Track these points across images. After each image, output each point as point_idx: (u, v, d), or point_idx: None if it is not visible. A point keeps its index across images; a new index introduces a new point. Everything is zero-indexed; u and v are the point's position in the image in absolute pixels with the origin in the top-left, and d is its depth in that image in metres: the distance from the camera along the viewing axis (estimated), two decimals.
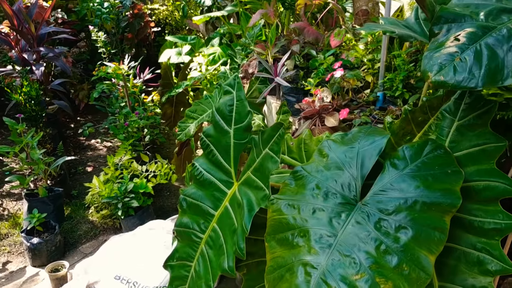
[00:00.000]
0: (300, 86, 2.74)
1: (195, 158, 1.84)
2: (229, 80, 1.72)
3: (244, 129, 1.67)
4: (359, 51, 2.55)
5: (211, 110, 1.72)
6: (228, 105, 1.70)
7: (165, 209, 3.82)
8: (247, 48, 3.83)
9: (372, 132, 1.46)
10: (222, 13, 4.49)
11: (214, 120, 1.74)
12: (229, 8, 4.62)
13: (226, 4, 5.63)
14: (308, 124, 2.17)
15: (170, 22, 7.27)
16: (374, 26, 1.88)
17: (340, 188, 1.36)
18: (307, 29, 3.03)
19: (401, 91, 2.31)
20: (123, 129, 3.84)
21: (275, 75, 2.82)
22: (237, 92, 1.69)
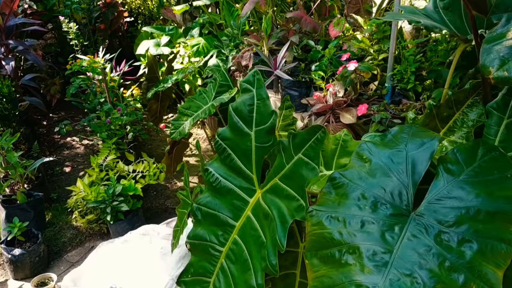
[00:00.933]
0: (302, 79, 2.60)
1: (209, 163, 1.67)
2: (248, 76, 1.55)
3: (267, 131, 1.51)
4: (365, 42, 2.41)
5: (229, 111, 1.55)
6: (248, 104, 1.54)
7: (153, 210, 3.62)
8: (235, 39, 3.65)
9: (418, 133, 1.33)
10: (204, 2, 4.28)
11: (231, 121, 1.57)
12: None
13: None
14: (321, 121, 2.03)
15: (143, 11, 6.96)
16: (398, 15, 1.75)
17: (390, 197, 1.23)
18: (304, 18, 2.87)
19: (414, 83, 2.20)
20: (105, 127, 3.60)
21: (275, 67, 2.66)
22: (258, 90, 1.53)
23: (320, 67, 2.55)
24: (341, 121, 1.98)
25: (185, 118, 2.73)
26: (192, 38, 4.76)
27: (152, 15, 6.98)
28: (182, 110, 2.75)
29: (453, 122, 1.81)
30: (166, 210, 3.61)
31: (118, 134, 3.64)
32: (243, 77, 3.10)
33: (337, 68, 2.52)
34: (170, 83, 3.14)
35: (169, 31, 5.25)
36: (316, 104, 2.15)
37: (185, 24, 5.83)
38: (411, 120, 1.83)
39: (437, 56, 2.24)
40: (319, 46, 2.89)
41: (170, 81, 3.14)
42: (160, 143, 4.82)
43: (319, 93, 2.16)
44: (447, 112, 1.81)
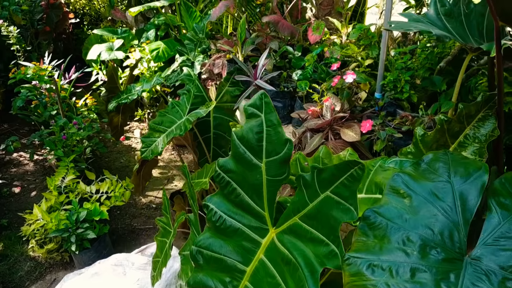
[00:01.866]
0: (284, 89, 2.42)
1: (208, 198, 1.45)
2: (254, 100, 1.35)
3: (281, 162, 1.32)
4: (353, 48, 2.27)
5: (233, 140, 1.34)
6: (256, 132, 1.34)
7: (119, 232, 3.32)
8: (201, 43, 3.41)
9: (459, 162, 1.19)
10: (163, 3, 3.99)
11: (236, 151, 1.36)
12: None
13: None
14: (319, 139, 1.86)
15: (89, 12, 6.52)
16: (406, 25, 1.61)
17: (440, 239, 1.07)
18: (282, 23, 2.69)
19: (409, 93, 2.08)
20: (61, 143, 3.26)
21: (255, 77, 2.46)
22: (267, 116, 1.33)
23: (304, 76, 2.38)
24: (342, 138, 1.82)
25: (157, 135, 2.47)
26: (149, 41, 4.46)
27: (99, 15, 6.55)
28: (154, 126, 2.50)
29: (463, 137, 1.70)
30: (134, 231, 3.32)
31: (76, 151, 3.31)
32: (215, 86, 2.88)
33: (323, 76, 2.37)
34: (136, 95, 2.86)
35: (122, 33, 4.91)
36: (310, 119, 1.98)
37: (137, 25, 5.50)
38: (420, 136, 1.70)
39: (431, 63, 2.13)
40: (297, 52, 2.73)
41: (137, 93, 2.86)
42: (118, 155, 4.49)
43: (313, 107, 1.99)
44: (458, 127, 1.69)
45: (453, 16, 1.83)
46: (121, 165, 4.31)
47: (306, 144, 1.91)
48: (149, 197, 3.77)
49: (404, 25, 1.61)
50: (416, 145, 1.72)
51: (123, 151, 4.57)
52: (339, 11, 3.35)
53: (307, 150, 1.87)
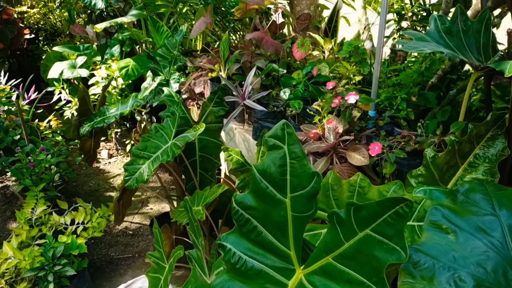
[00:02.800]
0: (274, 108, 2.33)
1: (223, 237, 1.33)
2: (275, 130, 1.25)
3: (308, 197, 1.22)
4: (346, 66, 2.22)
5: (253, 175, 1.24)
6: (279, 165, 1.24)
7: (96, 264, 3.11)
8: (176, 61, 3.28)
9: (500, 193, 1.13)
10: (131, 19, 3.82)
11: (257, 187, 1.26)
12: (135, 12, 3.96)
13: (119, 6, 4.93)
14: (324, 163, 1.78)
15: (44, 27, 6.21)
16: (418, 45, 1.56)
17: (493, 277, 1.01)
18: (266, 39, 2.61)
19: (406, 110, 2.05)
20: (28, 171, 3.02)
21: (243, 97, 2.36)
22: (290, 147, 1.23)
23: (295, 95, 2.31)
24: (348, 162, 1.76)
25: (141, 162, 2.32)
26: (115, 58, 4.27)
27: (56, 30, 6.25)
28: (137, 152, 2.34)
29: (473, 157, 1.67)
30: (112, 262, 3.12)
31: (45, 179, 3.08)
32: (197, 106, 2.76)
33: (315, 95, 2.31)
34: (113, 118, 2.68)
35: (84, 50, 4.69)
36: (311, 141, 1.90)
37: (99, 41, 5.28)
38: (431, 158, 1.65)
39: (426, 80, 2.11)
40: (281, 69, 2.65)
41: (114, 116, 2.68)
42: (86, 179, 4.25)
43: (312, 129, 1.92)
44: (468, 147, 1.66)
45: (453, 33, 1.81)
46: (90, 190, 4.07)
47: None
48: (124, 222, 3.57)
49: (417, 45, 1.56)
50: (427, 167, 1.68)
51: (91, 174, 4.33)
52: (316, 26, 3.31)
53: None
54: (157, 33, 4.28)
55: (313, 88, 2.31)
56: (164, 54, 3.49)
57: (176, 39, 3.58)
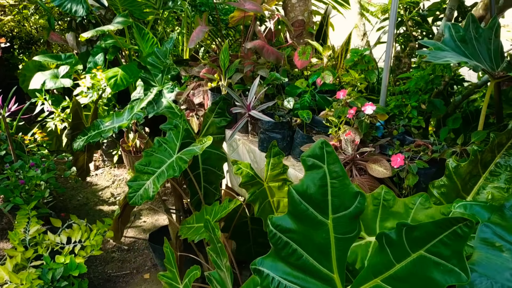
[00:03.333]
0: (281, 119, 2.29)
1: (258, 261, 1.28)
2: (313, 149, 1.20)
3: (351, 217, 1.18)
4: (353, 75, 2.20)
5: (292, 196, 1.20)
6: (320, 186, 1.19)
7: (94, 283, 3.00)
8: (169, 70, 3.20)
9: None
10: (117, 27, 3.72)
11: (297, 209, 1.21)
12: (121, 19, 3.86)
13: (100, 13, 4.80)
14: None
15: (19, 35, 5.99)
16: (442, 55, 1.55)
17: None
18: (266, 48, 2.57)
19: (417, 118, 2.04)
20: (18, 189, 2.88)
21: (248, 108, 2.31)
22: (330, 166, 1.19)
23: (302, 105, 2.27)
24: (368, 174, 1.73)
25: (145, 177, 2.23)
26: (99, 67, 4.14)
27: (31, 38, 6.04)
28: (141, 168, 2.26)
29: (494, 166, 1.67)
30: (110, 280, 3.01)
31: (36, 196, 2.94)
32: (196, 117, 2.69)
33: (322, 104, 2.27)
34: (111, 132, 2.58)
35: (66, 59, 4.53)
36: None
37: (79, 49, 5.14)
38: (454, 168, 1.64)
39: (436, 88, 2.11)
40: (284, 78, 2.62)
41: (112, 129, 2.58)
42: (73, 193, 4.11)
43: (332, 141, 1.88)
44: (490, 156, 1.66)
45: (467, 41, 1.81)
46: (79, 204, 3.94)
47: None
48: None
49: (440, 55, 1.55)
50: (450, 177, 1.67)
51: (78, 187, 4.19)
52: (310, 32, 3.29)
53: None
54: (143, 40, 4.18)
55: (320, 97, 2.27)
56: (155, 63, 3.40)
57: (167, 47, 3.49)
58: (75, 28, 5.00)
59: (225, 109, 2.56)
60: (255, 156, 2.41)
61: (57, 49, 6.22)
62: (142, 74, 3.36)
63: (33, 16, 6.09)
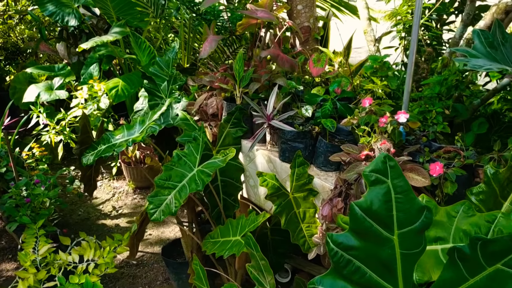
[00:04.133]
0: (301, 128, 2.26)
1: (316, 280, 1.24)
2: (375, 163, 1.18)
3: (417, 232, 1.16)
4: (376, 81, 2.18)
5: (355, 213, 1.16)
6: (384, 201, 1.16)
7: None
8: (176, 79, 3.14)
9: None
10: (114, 37, 3.64)
11: (360, 226, 1.18)
12: (118, 29, 3.79)
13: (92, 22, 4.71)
14: None
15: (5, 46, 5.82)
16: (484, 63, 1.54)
17: None
18: (281, 56, 2.54)
19: (443, 125, 2.04)
20: (24, 208, 2.78)
21: (268, 118, 2.28)
22: (394, 181, 1.16)
23: (323, 113, 2.25)
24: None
25: (166, 192, 2.17)
26: (96, 77, 4.05)
27: (18, 49, 5.88)
28: (161, 183, 2.19)
29: None
30: None
31: (43, 214, 2.84)
32: (209, 128, 2.65)
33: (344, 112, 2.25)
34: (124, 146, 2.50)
35: (60, 70, 4.43)
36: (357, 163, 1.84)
37: (70, 59, 5.03)
38: (492, 175, 1.64)
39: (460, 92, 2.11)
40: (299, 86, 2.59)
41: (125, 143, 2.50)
42: (73, 207, 4.00)
43: (365, 150, 1.86)
44: None
45: (495, 47, 1.81)
46: (80, 218, 3.83)
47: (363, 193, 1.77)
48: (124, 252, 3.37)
49: (480, 63, 1.54)
50: (488, 183, 1.66)
51: (77, 201, 4.08)
52: (316, 38, 3.28)
53: None
54: (140, 49, 4.10)
55: (341, 105, 2.25)
56: (159, 72, 3.33)
57: (169, 57, 3.43)
58: (66, 38, 4.89)
59: (241, 119, 2.52)
60: (275, 166, 2.38)
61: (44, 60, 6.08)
62: (146, 85, 3.29)
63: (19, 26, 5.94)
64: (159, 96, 3.20)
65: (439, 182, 1.79)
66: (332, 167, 2.21)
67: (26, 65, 5.26)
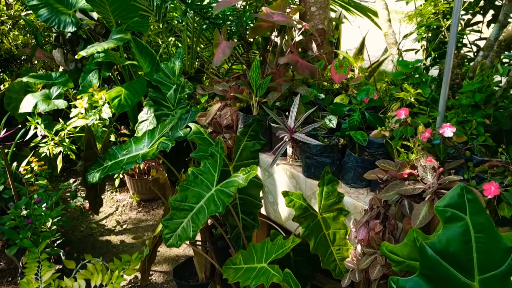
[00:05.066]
0: (330, 142, 2.08)
1: None
2: (451, 196, 1.00)
3: (502, 278, 0.98)
4: (409, 89, 2.00)
5: (428, 256, 0.98)
6: (462, 241, 0.99)
7: None
8: (183, 88, 2.96)
9: None
10: (115, 43, 3.44)
11: (434, 270, 1.00)
12: (118, 36, 3.59)
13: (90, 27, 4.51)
14: (428, 208, 1.55)
15: None
16: None
17: None
18: (300, 63, 2.36)
19: (485, 136, 1.87)
20: (25, 230, 2.58)
21: (291, 131, 2.10)
22: (473, 217, 0.99)
23: (351, 125, 2.07)
24: None
25: (182, 215, 1.98)
26: (96, 85, 3.86)
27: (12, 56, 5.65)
28: (177, 204, 2.00)
29: None
30: None
31: (45, 236, 2.65)
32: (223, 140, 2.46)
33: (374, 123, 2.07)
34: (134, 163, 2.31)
35: (57, 78, 4.23)
36: (398, 182, 1.67)
37: (67, 66, 4.83)
38: None
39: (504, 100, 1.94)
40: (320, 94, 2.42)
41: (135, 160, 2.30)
42: (75, 223, 3.80)
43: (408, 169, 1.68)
44: None
45: None
46: (83, 235, 3.63)
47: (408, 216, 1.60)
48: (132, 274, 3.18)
49: None
50: None
51: (78, 216, 3.88)
52: (330, 41, 3.10)
53: (414, 224, 1.55)
54: (141, 56, 3.91)
55: (370, 115, 2.08)
56: (164, 80, 3.14)
57: (175, 63, 3.24)
58: (62, 44, 4.68)
59: (259, 131, 2.34)
60: (298, 183, 2.19)
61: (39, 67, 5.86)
62: (152, 94, 3.10)
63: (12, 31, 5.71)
64: (165, 106, 3.01)
65: (488, 202, 1.61)
66: (362, 183, 2.03)
67: (21, 73, 5.06)
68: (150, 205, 4.00)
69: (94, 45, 3.50)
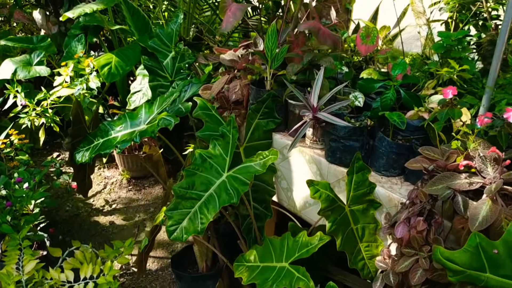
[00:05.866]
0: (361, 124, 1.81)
1: None
2: None
3: None
4: (454, 65, 1.73)
5: None
6: None
7: None
8: (183, 57, 2.64)
9: None
10: (106, 5, 3.08)
11: None
12: None
13: None
14: (490, 208, 1.31)
15: None
16: None
17: None
18: (323, 31, 2.06)
19: None
20: (5, 214, 2.28)
21: (314, 109, 1.82)
22: None
23: (384, 104, 1.80)
24: None
25: (189, 205, 1.71)
26: (82, 51, 3.49)
27: None
28: (182, 192, 1.72)
29: None
30: None
31: (28, 220, 2.35)
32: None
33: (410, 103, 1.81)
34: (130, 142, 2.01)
35: (38, 42, 3.85)
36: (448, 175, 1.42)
37: (50, 29, 4.43)
38: None
39: None
40: (343, 67, 2.14)
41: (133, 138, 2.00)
42: (60, 201, 3.50)
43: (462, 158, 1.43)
44: None
45: None
46: (69, 215, 3.34)
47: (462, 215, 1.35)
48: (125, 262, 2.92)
49: None
50: None
51: (63, 194, 3.58)
52: (347, 8, 2.80)
53: (473, 226, 1.31)
54: (132, 20, 3.56)
55: (405, 93, 1.81)
56: (160, 47, 2.81)
57: (172, 28, 2.91)
58: (44, 4, 4.28)
59: (273, 108, 2.06)
60: (319, 168, 1.93)
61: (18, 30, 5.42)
62: (147, 62, 2.78)
63: None
64: (162, 76, 2.71)
65: None
66: (395, 171, 1.78)
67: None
68: (141, 183, 3.71)
69: (81, 6, 3.15)
